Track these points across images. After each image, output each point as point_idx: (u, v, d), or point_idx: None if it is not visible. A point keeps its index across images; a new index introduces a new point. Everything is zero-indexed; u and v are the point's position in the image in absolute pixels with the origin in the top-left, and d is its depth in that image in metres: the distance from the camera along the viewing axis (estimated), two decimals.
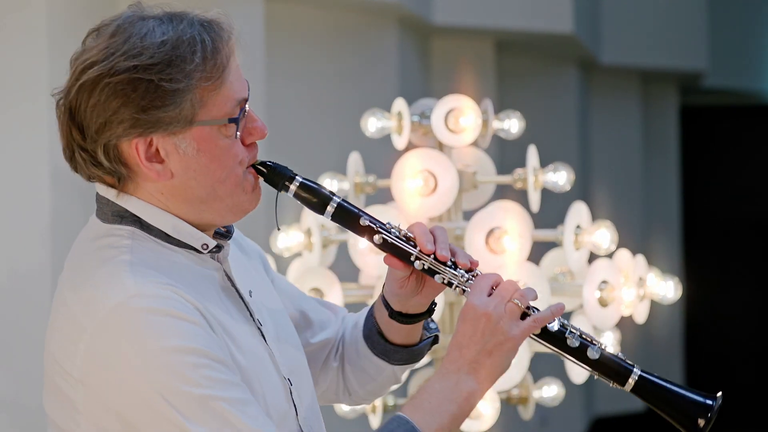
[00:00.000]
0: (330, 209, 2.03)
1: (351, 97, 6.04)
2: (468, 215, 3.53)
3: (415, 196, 3.43)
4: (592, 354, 1.99)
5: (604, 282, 3.42)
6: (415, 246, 2.05)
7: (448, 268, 2.04)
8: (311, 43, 5.97)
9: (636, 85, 9.55)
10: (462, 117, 3.47)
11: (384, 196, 3.57)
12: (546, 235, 3.50)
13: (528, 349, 3.45)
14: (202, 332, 1.86)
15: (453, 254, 2.06)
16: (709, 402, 1.98)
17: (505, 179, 3.55)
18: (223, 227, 2.06)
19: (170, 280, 1.88)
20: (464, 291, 2.03)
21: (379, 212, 3.41)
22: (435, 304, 2.22)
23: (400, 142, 3.55)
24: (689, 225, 10.46)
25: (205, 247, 1.98)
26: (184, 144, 1.91)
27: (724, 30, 10.17)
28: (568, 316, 3.52)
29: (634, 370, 1.99)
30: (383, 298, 2.19)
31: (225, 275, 2.02)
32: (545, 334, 2.00)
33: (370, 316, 2.24)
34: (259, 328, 2.04)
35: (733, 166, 10.83)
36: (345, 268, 3.65)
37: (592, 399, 8.98)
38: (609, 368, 2.00)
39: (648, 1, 9.19)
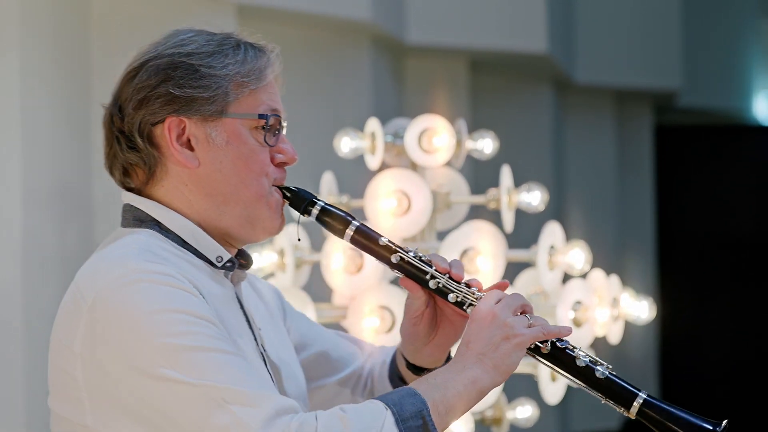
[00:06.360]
0: (349, 232, 2.09)
1: (324, 116, 6.02)
2: (442, 235, 3.52)
3: (388, 216, 3.42)
4: (600, 374, 1.96)
5: (577, 302, 3.42)
6: (431, 267, 2.07)
7: (462, 287, 2.05)
8: (284, 62, 5.93)
9: (610, 105, 9.57)
10: (435, 137, 3.47)
11: (357, 217, 3.54)
12: (520, 255, 3.50)
13: None
14: (193, 298, 1.90)
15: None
16: (715, 428, 1.93)
17: (478, 199, 3.55)
18: (242, 259, 2.10)
19: (175, 268, 1.94)
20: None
21: None
22: (450, 358, 2.20)
23: (373, 162, 3.54)
24: (664, 244, 10.48)
25: (219, 259, 2.03)
26: (215, 133, 2.00)
27: (698, 50, 10.21)
28: None
29: (640, 393, 1.95)
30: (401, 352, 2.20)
31: (236, 296, 2.07)
32: (554, 353, 1.99)
33: (393, 362, 2.27)
34: (262, 345, 2.08)
35: (707, 185, 10.86)
36: (318, 289, 3.63)
37: (567, 419, 8.97)
38: (614, 391, 1.97)
39: (622, 20, 9.22)
